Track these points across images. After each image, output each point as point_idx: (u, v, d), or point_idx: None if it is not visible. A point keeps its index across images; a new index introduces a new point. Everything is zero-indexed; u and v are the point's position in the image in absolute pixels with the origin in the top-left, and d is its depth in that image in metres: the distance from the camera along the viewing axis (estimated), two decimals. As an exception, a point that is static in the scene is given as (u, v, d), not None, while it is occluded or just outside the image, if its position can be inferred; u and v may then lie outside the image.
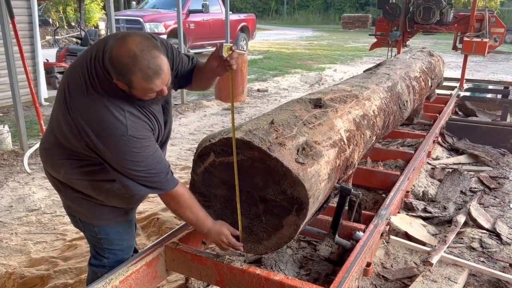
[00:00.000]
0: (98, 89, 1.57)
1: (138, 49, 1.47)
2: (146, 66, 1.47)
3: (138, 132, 1.58)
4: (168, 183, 1.69)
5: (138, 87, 1.51)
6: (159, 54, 1.51)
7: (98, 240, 1.92)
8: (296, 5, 38.36)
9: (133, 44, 1.47)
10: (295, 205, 1.73)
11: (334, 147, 2.07)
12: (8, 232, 3.19)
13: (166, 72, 1.53)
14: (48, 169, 1.82)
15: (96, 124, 1.55)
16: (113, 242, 1.93)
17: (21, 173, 4.27)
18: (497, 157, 4.32)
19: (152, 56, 1.48)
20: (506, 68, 12.26)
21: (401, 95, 3.47)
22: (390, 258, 2.65)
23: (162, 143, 1.83)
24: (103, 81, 1.57)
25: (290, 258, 2.50)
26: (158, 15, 11.12)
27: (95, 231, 1.89)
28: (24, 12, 6.56)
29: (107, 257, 1.95)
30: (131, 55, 1.46)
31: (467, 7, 20.57)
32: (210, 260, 1.94)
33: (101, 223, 1.87)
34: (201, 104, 7.25)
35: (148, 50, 1.48)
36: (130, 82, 1.50)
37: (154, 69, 1.48)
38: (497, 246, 2.79)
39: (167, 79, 1.56)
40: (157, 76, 1.50)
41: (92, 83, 1.57)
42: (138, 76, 1.48)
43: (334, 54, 15.05)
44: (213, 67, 1.79)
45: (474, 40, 5.97)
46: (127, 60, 1.46)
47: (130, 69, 1.46)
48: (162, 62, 1.51)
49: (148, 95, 1.56)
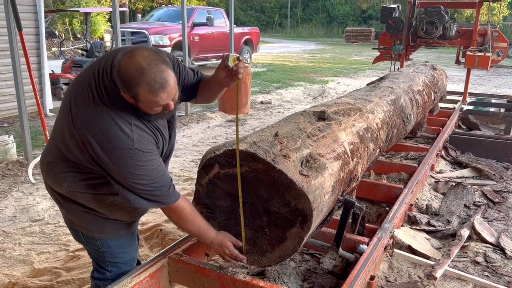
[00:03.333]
0: (106, 102, 1.58)
1: (146, 63, 1.48)
2: (152, 79, 1.48)
3: (144, 145, 1.59)
4: (170, 197, 1.70)
5: (144, 100, 1.52)
6: (166, 68, 1.53)
7: (101, 253, 1.91)
8: (300, 19, 38.72)
9: (141, 58, 1.49)
10: (299, 217, 1.73)
11: (338, 160, 2.08)
12: (12, 242, 3.19)
13: (172, 86, 1.54)
14: (50, 183, 1.81)
15: (102, 136, 1.56)
16: (116, 255, 1.93)
17: (25, 183, 4.29)
18: (501, 171, 4.31)
19: (159, 70, 1.50)
20: (509, 82, 12.28)
21: (405, 108, 3.48)
22: (394, 272, 2.64)
23: (165, 157, 1.84)
24: (111, 93, 1.58)
25: (294, 270, 2.49)
26: (163, 28, 11.25)
27: (97, 245, 1.89)
28: (32, 24, 6.66)
29: (109, 270, 1.94)
30: (138, 68, 1.48)
31: (470, 22, 20.69)
32: (213, 272, 1.94)
33: (104, 236, 1.87)
34: (205, 116, 7.28)
35: (155, 64, 1.50)
36: (137, 95, 1.51)
37: (160, 83, 1.50)
38: (502, 260, 2.78)
39: (173, 93, 1.57)
40: (162, 90, 1.51)
41: (100, 95, 1.59)
42: (144, 89, 1.49)
43: (337, 67, 15.13)
44: (221, 78, 1.82)
45: (477, 54, 5.99)
46: (134, 73, 1.48)
47: (136, 82, 1.48)
48: (168, 76, 1.52)
49: (154, 108, 1.57)
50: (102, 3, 19.50)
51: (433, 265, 2.58)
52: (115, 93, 1.58)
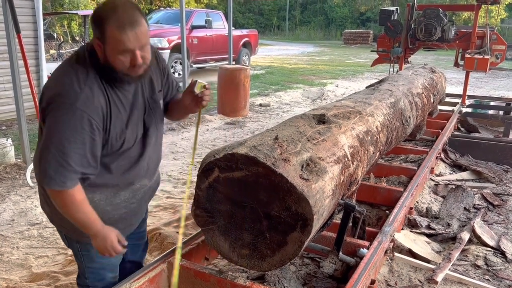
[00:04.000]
0: (75, 62, 1.59)
1: (120, 3, 1.50)
2: (122, 16, 1.48)
3: (87, 109, 1.51)
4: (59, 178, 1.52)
5: (110, 38, 1.49)
6: (140, 15, 1.53)
7: (80, 256, 1.85)
8: (298, 21, 38.77)
9: (118, 1, 1.51)
10: (300, 221, 1.72)
11: (338, 163, 2.07)
12: (10, 246, 3.17)
13: (142, 31, 1.51)
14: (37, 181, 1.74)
15: (53, 84, 1.55)
16: (94, 259, 1.85)
17: (23, 186, 4.27)
18: (500, 174, 4.30)
19: (132, 12, 1.51)
20: (508, 85, 12.31)
21: (404, 111, 3.48)
22: (395, 276, 2.63)
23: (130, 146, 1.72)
24: (82, 55, 1.59)
25: (294, 275, 2.48)
26: (161, 30, 11.23)
27: (77, 247, 1.84)
28: (30, 27, 6.64)
29: (87, 277, 1.89)
30: (111, 7, 1.50)
31: (468, 24, 20.76)
32: (213, 277, 1.93)
33: (83, 239, 1.78)
34: (204, 119, 7.27)
35: (130, 7, 1.51)
36: (104, 32, 1.49)
37: (129, 20, 1.48)
38: (502, 264, 2.77)
39: (142, 41, 1.52)
40: (131, 28, 1.48)
41: (72, 58, 1.61)
42: (112, 25, 1.47)
43: (336, 70, 15.15)
44: (185, 103, 1.85)
45: (476, 57, 6.00)
46: (107, 10, 1.50)
47: (106, 16, 1.48)
48: (140, 19, 1.52)
49: (120, 57, 1.52)
50: (101, 6, 19.46)
51: (434, 269, 2.57)
52: (86, 54, 1.58)
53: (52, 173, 1.52)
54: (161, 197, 4.04)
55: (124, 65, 1.54)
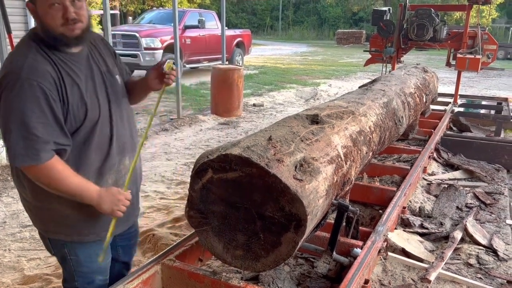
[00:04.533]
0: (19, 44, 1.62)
1: None
2: None
3: (34, 76, 1.50)
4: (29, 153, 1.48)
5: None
6: None
7: (68, 261, 1.82)
8: (291, 21, 38.84)
9: None
10: (294, 222, 1.72)
11: (331, 164, 2.08)
12: (1, 248, 3.14)
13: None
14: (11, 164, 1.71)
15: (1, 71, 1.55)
16: (83, 263, 1.83)
17: (15, 188, 4.22)
18: (492, 173, 4.34)
19: None
20: (499, 84, 12.42)
21: (397, 111, 3.49)
22: (388, 275, 2.64)
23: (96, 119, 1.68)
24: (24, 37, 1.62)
25: (288, 275, 2.48)
26: (154, 30, 11.19)
27: (64, 251, 1.80)
28: (21, 27, 6.61)
29: (76, 280, 1.86)
30: None
31: (459, 24, 20.91)
32: (207, 278, 1.92)
33: (68, 237, 1.76)
34: (197, 119, 7.25)
35: None
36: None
37: None
38: (494, 262, 2.79)
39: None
40: None
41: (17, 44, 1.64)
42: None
43: (329, 69, 15.19)
44: (151, 77, 1.87)
45: (467, 56, 6.05)
46: None
47: None
48: None
49: (51, 12, 1.52)
50: (93, 6, 19.37)
51: (427, 268, 2.59)
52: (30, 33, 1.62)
53: (22, 150, 1.48)
54: (154, 198, 4.02)
55: (56, 21, 1.54)
